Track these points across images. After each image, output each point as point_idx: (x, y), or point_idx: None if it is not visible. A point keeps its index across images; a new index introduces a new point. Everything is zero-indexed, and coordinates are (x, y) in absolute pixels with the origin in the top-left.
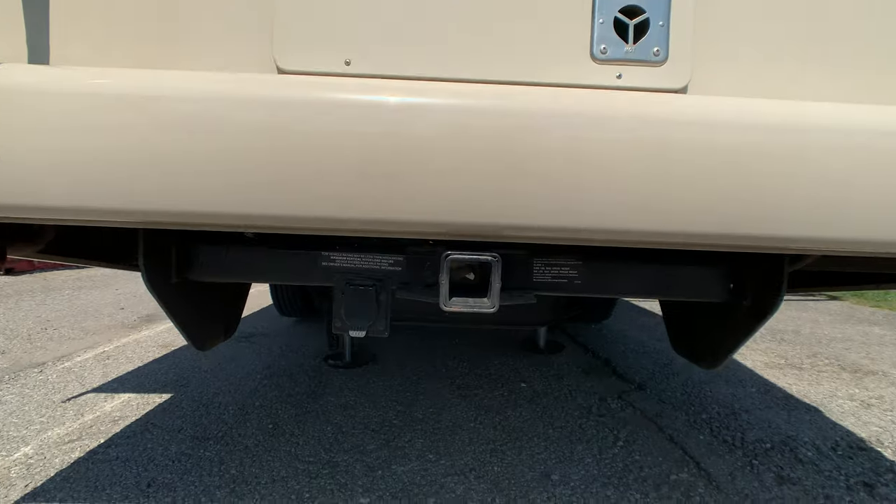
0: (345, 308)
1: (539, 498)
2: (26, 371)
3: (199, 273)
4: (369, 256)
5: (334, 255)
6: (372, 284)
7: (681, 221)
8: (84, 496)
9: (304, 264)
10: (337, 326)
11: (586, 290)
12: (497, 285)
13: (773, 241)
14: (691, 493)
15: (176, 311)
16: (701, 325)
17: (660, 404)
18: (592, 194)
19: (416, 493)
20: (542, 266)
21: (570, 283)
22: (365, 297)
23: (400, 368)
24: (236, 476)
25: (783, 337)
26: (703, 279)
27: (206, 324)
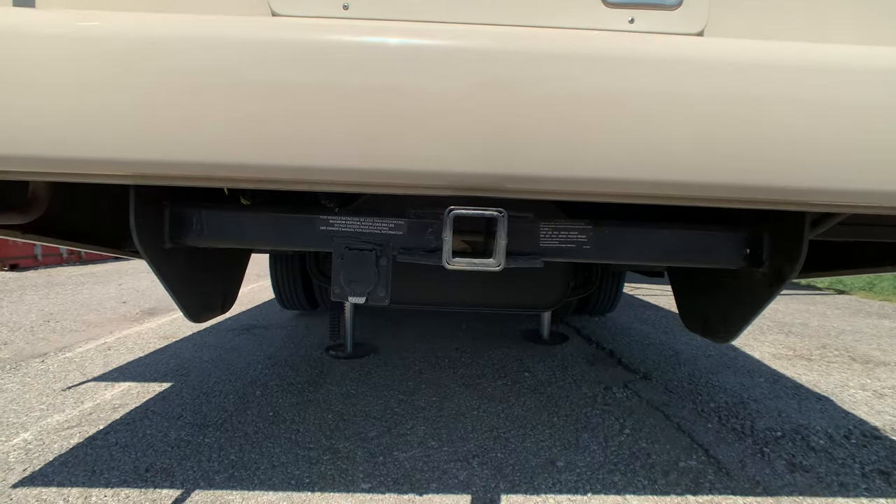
0: (344, 273)
1: (544, 484)
2: (28, 361)
3: (193, 238)
4: (369, 220)
5: (333, 220)
6: (372, 248)
7: (699, 171)
8: (82, 480)
9: (303, 228)
10: (336, 293)
11: (595, 256)
12: (503, 241)
13: (797, 193)
14: (700, 479)
15: (170, 279)
16: (713, 295)
17: (666, 393)
18: (603, 142)
19: (419, 479)
20: (549, 230)
21: (578, 248)
22: (365, 262)
23: (402, 360)
24: (235, 462)
25: (791, 329)
26: (718, 244)
27: (201, 294)
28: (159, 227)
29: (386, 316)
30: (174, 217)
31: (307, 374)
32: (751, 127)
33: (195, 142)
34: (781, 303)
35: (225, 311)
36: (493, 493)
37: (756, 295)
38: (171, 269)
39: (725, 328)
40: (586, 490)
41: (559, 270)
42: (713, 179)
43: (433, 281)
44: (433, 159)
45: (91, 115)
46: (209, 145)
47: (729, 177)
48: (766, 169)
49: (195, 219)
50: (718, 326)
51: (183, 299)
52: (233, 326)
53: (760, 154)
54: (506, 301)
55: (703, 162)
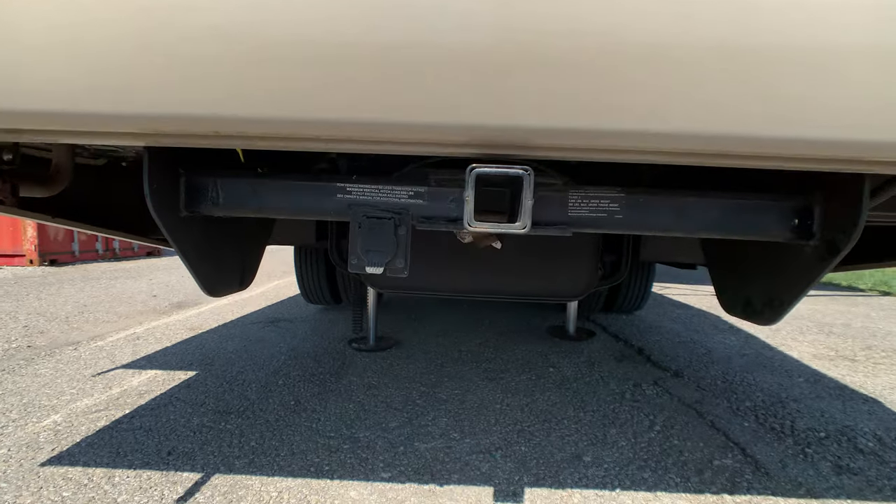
0: (361, 242)
1: (570, 478)
2: (62, 349)
3: (209, 207)
4: (388, 188)
5: (351, 187)
6: (390, 217)
7: (747, 123)
8: (106, 461)
9: (319, 196)
10: (353, 264)
11: (628, 227)
12: (529, 202)
13: (863, 148)
14: (737, 479)
15: (186, 249)
16: (756, 273)
17: (699, 391)
18: (646, 89)
19: (440, 470)
20: (578, 199)
21: (609, 217)
22: (383, 231)
23: (424, 353)
24: (256, 448)
25: (832, 330)
26: (762, 214)
27: (218, 267)
28: (175, 195)
29: (408, 312)
30: (190, 185)
31: (329, 365)
32: (806, 71)
33: (206, 93)
34: (821, 303)
35: (243, 288)
36: (517, 487)
37: (805, 271)
38: (187, 238)
39: (770, 309)
40: (615, 486)
41: (587, 257)
42: (765, 133)
43: (457, 268)
44: (454, 109)
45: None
46: (221, 97)
47: (782, 130)
48: (825, 120)
49: (211, 187)
50: (762, 307)
51: (199, 270)
52: (258, 319)
53: (821, 101)
54: (531, 289)
55: (751, 114)
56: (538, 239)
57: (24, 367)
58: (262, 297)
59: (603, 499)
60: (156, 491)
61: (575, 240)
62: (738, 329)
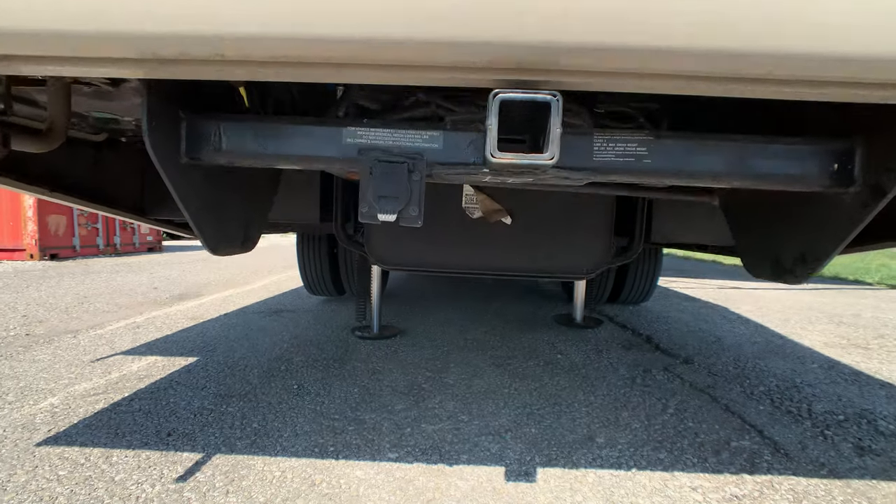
0: (373, 188)
1: (583, 459)
2: (61, 336)
3: (211, 154)
4: (401, 132)
5: (361, 131)
6: (404, 161)
7: (801, 38)
8: (104, 442)
9: (328, 141)
10: (363, 213)
11: (656, 173)
12: (557, 130)
13: None
14: (756, 460)
15: (187, 200)
16: (786, 228)
17: (711, 377)
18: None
19: (448, 451)
20: (604, 142)
21: (637, 162)
22: (396, 176)
23: (429, 341)
24: (258, 429)
25: (842, 320)
26: (801, 159)
27: (221, 224)
28: (175, 139)
29: (412, 304)
30: (191, 129)
31: (333, 352)
32: None
33: (208, 5)
34: (828, 296)
35: (245, 250)
36: (529, 466)
37: (843, 222)
38: (188, 188)
39: (803, 265)
40: (630, 466)
41: (600, 232)
42: (827, 49)
43: (466, 245)
44: (477, 22)
45: None
46: (225, 12)
47: (831, 45)
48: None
49: (213, 131)
50: (794, 265)
51: (201, 225)
52: (260, 310)
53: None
54: (542, 266)
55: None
56: (549, 213)
57: (22, 354)
58: (263, 289)
59: (618, 478)
60: (154, 470)
61: (587, 214)
62: (746, 319)
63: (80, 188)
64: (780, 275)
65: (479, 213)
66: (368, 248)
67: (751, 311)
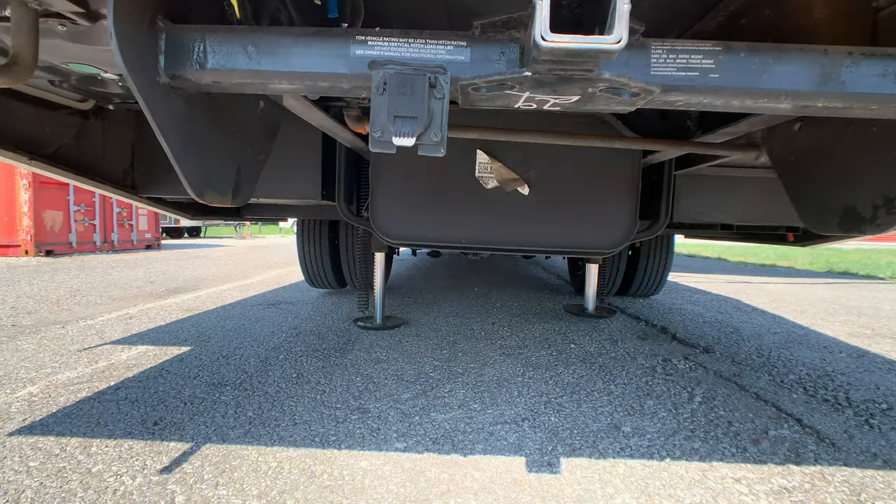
0: (388, 105)
1: (610, 448)
2: (49, 327)
3: (193, 72)
4: (420, 41)
5: (372, 40)
6: (424, 73)
7: None
8: (83, 431)
9: (332, 54)
10: (375, 139)
11: (724, 92)
12: (625, 6)
13: None
14: (800, 449)
15: (168, 131)
16: (866, 164)
17: (735, 366)
18: None
19: (461, 440)
20: (663, 52)
21: (702, 77)
22: (415, 90)
23: (435, 331)
24: (253, 418)
25: (862, 311)
26: None
27: (208, 166)
28: (152, 52)
29: (415, 295)
30: (171, 41)
31: (334, 342)
32: None
33: None
34: (842, 290)
35: (236, 203)
36: (551, 457)
37: None
38: (168, 117)
39: (888, 212)
40: (663, 456)
41: (627, 201)
42: None
43: (478, 216)
44: None
45: None
46: None
47: None
48: None
49: (197, 43)
50: (875, 213)
51: (183, 162)
52: (258, 302)
53: None
54: (562, 240)
55: None
56: (570, 182)
57: (5, 343)
58: (262, 283)
59: (651, 469)
60: (137, 461)
61: (612, 182)
62: (762, 311)
63: (63, 158)
64: (853, 226)
65: (494, 183)
66: (374, 222)
67: (765, 303)
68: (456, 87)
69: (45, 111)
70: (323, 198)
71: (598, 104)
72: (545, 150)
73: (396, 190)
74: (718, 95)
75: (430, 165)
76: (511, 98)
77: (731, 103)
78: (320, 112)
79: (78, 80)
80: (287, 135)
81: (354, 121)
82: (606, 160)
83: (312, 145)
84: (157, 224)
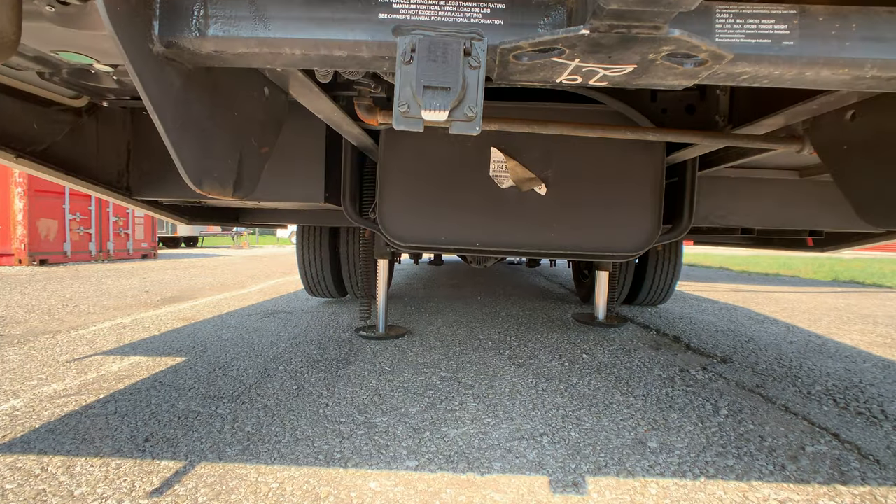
0: (418, 74)
1: (639, 466)
2: (38, 337)
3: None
4: (452, 3)
5: (397, 2)
6: (459, 37)
7: None
8: (68, 448)
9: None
10: (400, 114)
11: (796, 63)
12: None
13: None
14: (843, 467)
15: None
16: None
17: (757, 376)
18: None
19: (477, 458)
20: (730, 17)
21: (774, 45)
22: (449, 57)
23: (440, 341)
24: (252, 434)
25: (877, 320)
26: None
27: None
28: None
29: (417, 305)
30: (167, 4)
31: (335, 352)
32: None
33: None
34: (851, 298)
35: (238, 194)
36: (576, 476)
37: None
38: (163, 92)
39: None
40: (696, 474)
41: (649, 204)
42: None
43: (493, 218)
44: None
45: None
46: None
47: None
48: None
49: (197, 7)
50: None
51: (180, 149)
52: (256, 312)
53: None
54: (581, 242)
55: None
56: (589, 181)
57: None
58: (260, 293)
59: (686, 489)
60: (125, 482)
61: (634, 182)
62: (774, 319)
63: (54, 157)
64: None
65: (510, 182)
66: (382, 223)
67: (775, 311)
68: (494, 56)
69: (34, 107)
70: (326, 201)
71: (654, 76)
72: (563, 148)
73: (406, 189)
74: (791, 66)
75: (441, 164)
76: (556, 70)
77: (804, 75)
78: (329, 100)
79: (70, 73)
80: (290, 136)
81: (365, 111)
82: (628, 158)
83: (316, 147)
84: (154, 233)
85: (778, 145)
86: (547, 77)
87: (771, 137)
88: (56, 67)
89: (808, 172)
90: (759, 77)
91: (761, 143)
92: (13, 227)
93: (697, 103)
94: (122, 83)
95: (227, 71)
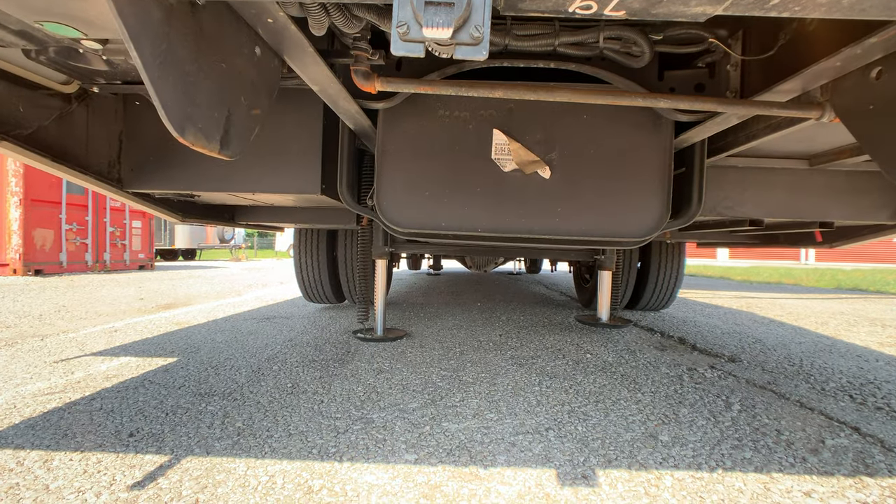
0: None
1: (651, 459)
2: (26, 340)
3: None
4: None
5: None
6: None
7: None
8: (47, 443)
9: None
10: (400, 35)
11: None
12: None
13: None
14: (868, 459)
15: (139, 38)
16: None
17: (767, 374)
18: None
19: (480, 451)
20: None
21: None
22: None
23: (439, 343)
24: (242, 429)
25: (885, 322)
26: None
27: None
28: None
29: (416, 309)
30: None
31: (332, 353)
32: None
33: None
34: (857, 303)
35: (225, 151)
36: (585, 468)
37: None
38: (140, 22)
39: None
40: (713, 466)
41: (657, 187)
42: None
43: (496, 202)
44: None
45: None
46: None
47: None
48: None
49: None
50: None
51: (161, 88)
52: (251, 317)
53: None
54: (586, 227)
55: None
56: (595, 163)
57: None
58: (256, 300)
59: (703, 481)
60: (105, 475)
61: (641, 164)
62: (780, 322)
63: (40, 142)
64: None
65: (513, 166)
66: (380, 209)
67: (780, 315)
68: None
69: (20, 90)
70: (322, 193)
71: (676, 2)
72: (567, 130)
73: (405, 173)
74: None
75: (442, 146)
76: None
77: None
78: (324, 66)
79: (57, 52)
80: (285, 126)
81: (363, 78)
82: (634, 139)
83: (311, 137)
84: (151, 244)
85: (795, 111)
86: (558, 4)
87: (788, 104)
88: (42, 44)
89: (817, 161)
90: (790, 1)
91: (777, 111)
92: (8, 237)
93: (707, 81)
94: (112, 64)
95: (213, 15)
